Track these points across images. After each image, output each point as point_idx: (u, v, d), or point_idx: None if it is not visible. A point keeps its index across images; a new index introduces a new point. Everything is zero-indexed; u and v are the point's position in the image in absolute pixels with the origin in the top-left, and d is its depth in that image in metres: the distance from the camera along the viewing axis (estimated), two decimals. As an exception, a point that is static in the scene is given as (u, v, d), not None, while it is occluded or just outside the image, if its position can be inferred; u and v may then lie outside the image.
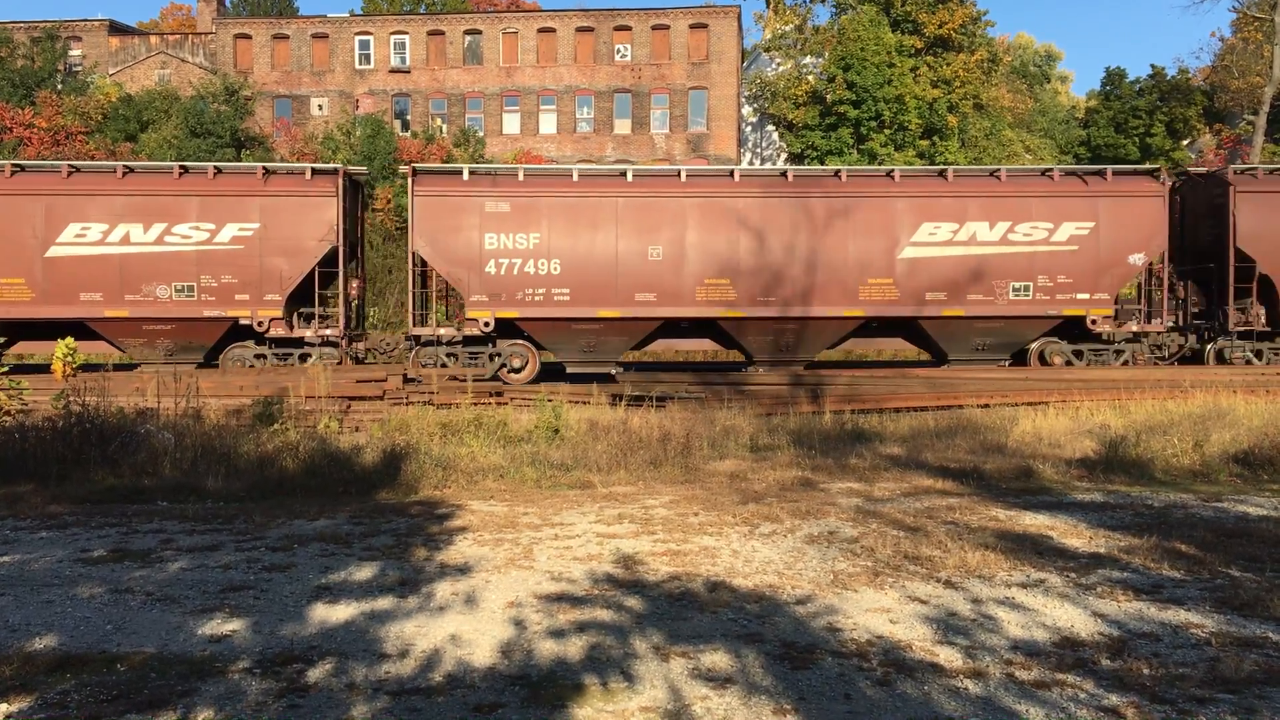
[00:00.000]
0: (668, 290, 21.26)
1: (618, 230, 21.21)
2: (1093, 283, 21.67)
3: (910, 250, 21.51)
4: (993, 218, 21.65)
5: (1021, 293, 21.61)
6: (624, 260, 21.21)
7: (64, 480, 10.70)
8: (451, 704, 4.90)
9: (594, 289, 21.15)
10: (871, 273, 21.53)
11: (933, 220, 21.57)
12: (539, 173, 22.46)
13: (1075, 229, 21.66)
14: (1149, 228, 21.89)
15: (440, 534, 8.54)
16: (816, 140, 44.69)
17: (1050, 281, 21.61)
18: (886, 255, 21.52)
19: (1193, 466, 11.95)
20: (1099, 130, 55.64)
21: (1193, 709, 4.82)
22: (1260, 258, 21.90)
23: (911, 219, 21.57)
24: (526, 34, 55.18)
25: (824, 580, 7.08)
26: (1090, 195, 21.82)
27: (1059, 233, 21.64)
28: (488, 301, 21.05)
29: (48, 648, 5.71)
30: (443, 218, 21.16)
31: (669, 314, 21.38)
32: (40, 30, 52.91)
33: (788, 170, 22.34)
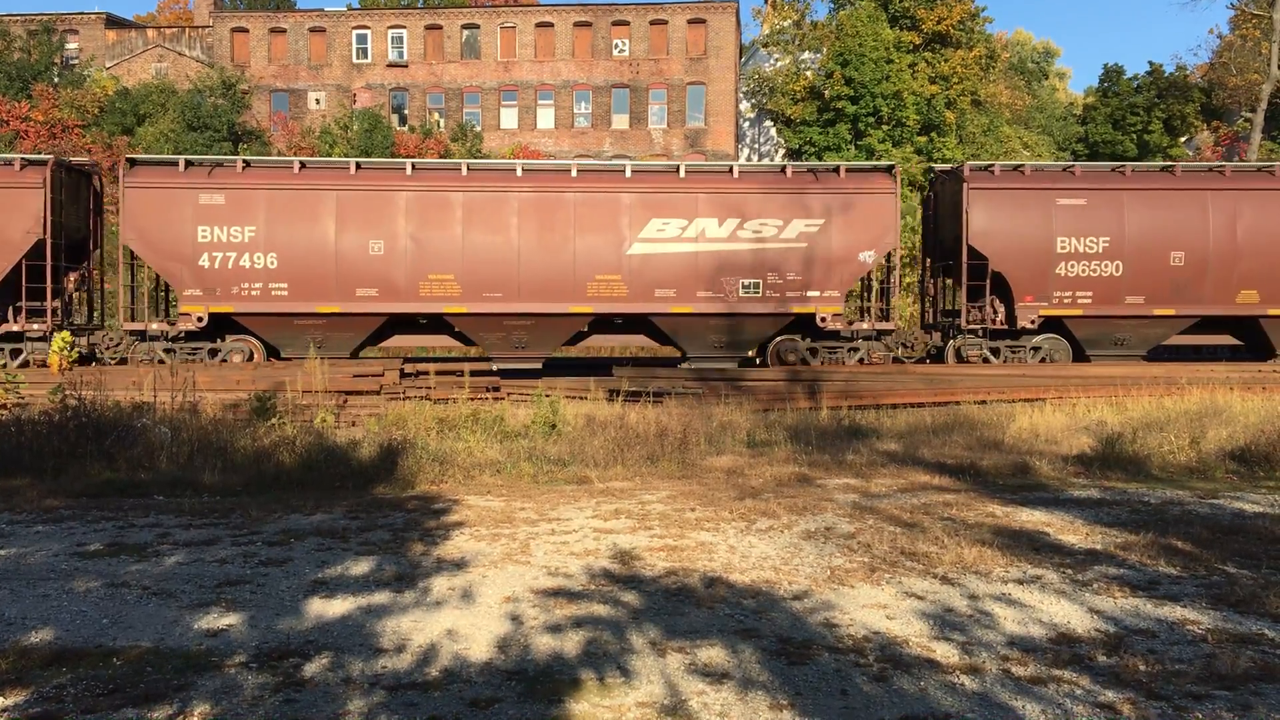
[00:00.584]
0: (391, 286, 20.74)
1: (338, 224, 20.71)
2: (823, 280, 21.23)
3: (639, 246, 21.04)
4: (722, 214, 21.23)
5: (751, 290, 21.16)
6: (344, 255, 20.70)
7: (60, 474, 10.69)
8: (448, 699, 4.90)
9: (313, 284, 20.62)
10: (600, 269, 21.11)
11: (662, 216, 21.13)
12: (260, 164, 21.76)
13: (805, 226, 21.22)
14: (880, 225, 21.41)
15: (437, 529, 8.54)
16: (814, 136, 44.67)
17: (780, 279, 21.19)
18: (615, 251, 21.09)
19: (1189, 463, 11.97)
20: (1097, 127, 55.64)
21: (1189, 705, 4.82)
22: (992, 255, 21.53)
23: (641, 215, 21.11)
24: (524, 29, 55.09)
25: (821, 576, 7.08)
26: (821, 192, 21.33)
27: (788, 230, 21.20)
28: (202, 296, 20.46)
29: (44, 641, 5.70)
30: (155, 210, 20.54)
31: (392, 310, 20.92)
32: (37, 23, 52.78)
33: (518, 165, 21.93)
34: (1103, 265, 21.50)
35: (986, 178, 22.00)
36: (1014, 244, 21.58)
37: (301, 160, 21.33)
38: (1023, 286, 21.56)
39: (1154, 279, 21.48)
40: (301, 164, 21.19)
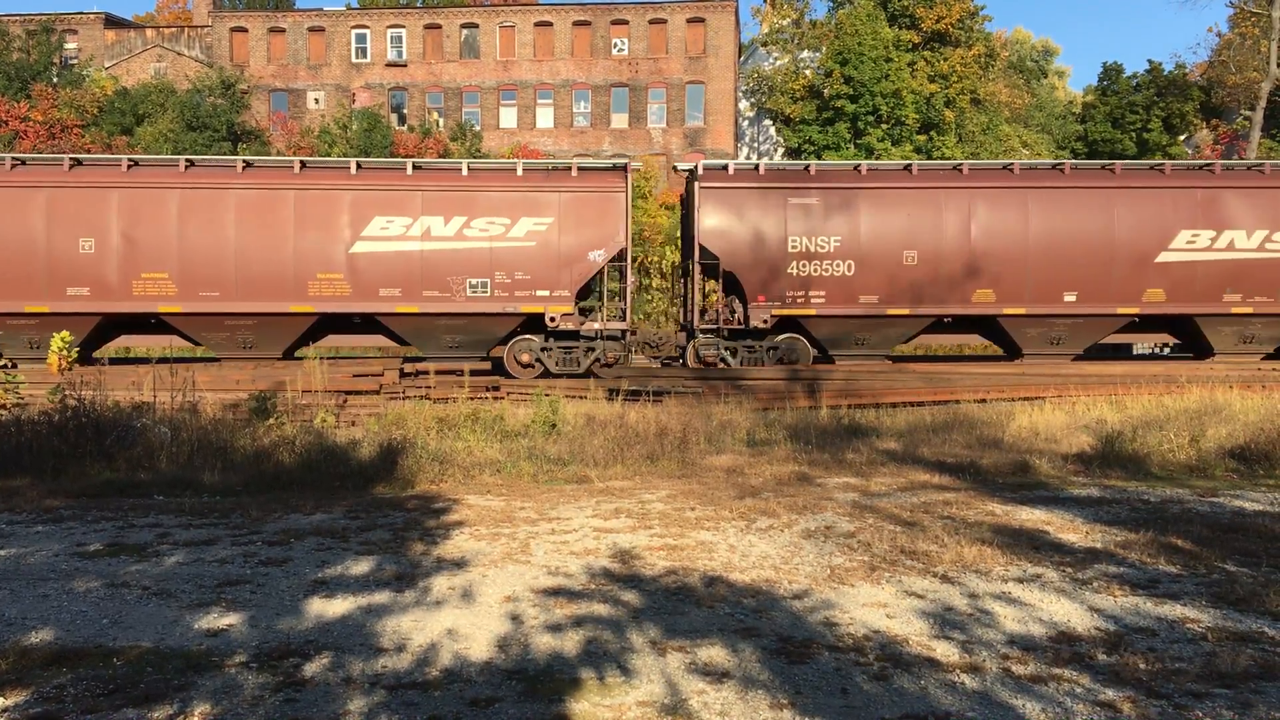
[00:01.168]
0: (103, 284, 20.11)
1: (49, 221, 20.09)
2: (553, 280, 20.86)
3: (363, 245, 20.70)
4: (449, 213, 20.88)
5: (480, 290, 20.87)
6: (55, 252, 20.05)
7: (60, 474, 10.69)
8: (448, 698, 4.90)
9: (18, 282, 20.01)
10: (322, 267, 20.63)
11: (386, 214, 20.76)
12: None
13: (534, 225, 20.90)
14: (610, 224, 21.12)
15: (437, 528, 8.54)
16: (813, 135, 44.65)
17: (508, 278, 20.83)
18: (337, 250, 20.66)
19: (1189, 461, 11.97)
20: (1096, 125, 55.61)
21: (1189, 704, 4.83)
22: (722, 255, 21.28)
23: (364, 213, 20.74)
24: (523, 28, 55.07)
25: (821, 575, 7.09)
26: (552, 191, 20.98)
27: (516, 228, 20.87)
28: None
29: (44, 641, 5.70)
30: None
31: (105, 309, 20.27)
32: (36, 23, 52.74)
33: (245, 160, 21.33)
34: (835, 265, 21.08)
35: (718, 176, 21.60)
36: (745, 244, 21.22)
37: (16, 157, 20.96)
38: (755, 286, 21.14)
39: (887, 279, 21.10)
40: (19, 161, 20.81)
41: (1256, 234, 21.32)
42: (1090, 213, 21.34)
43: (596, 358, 21.09)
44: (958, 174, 21.94)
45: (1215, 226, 21.33)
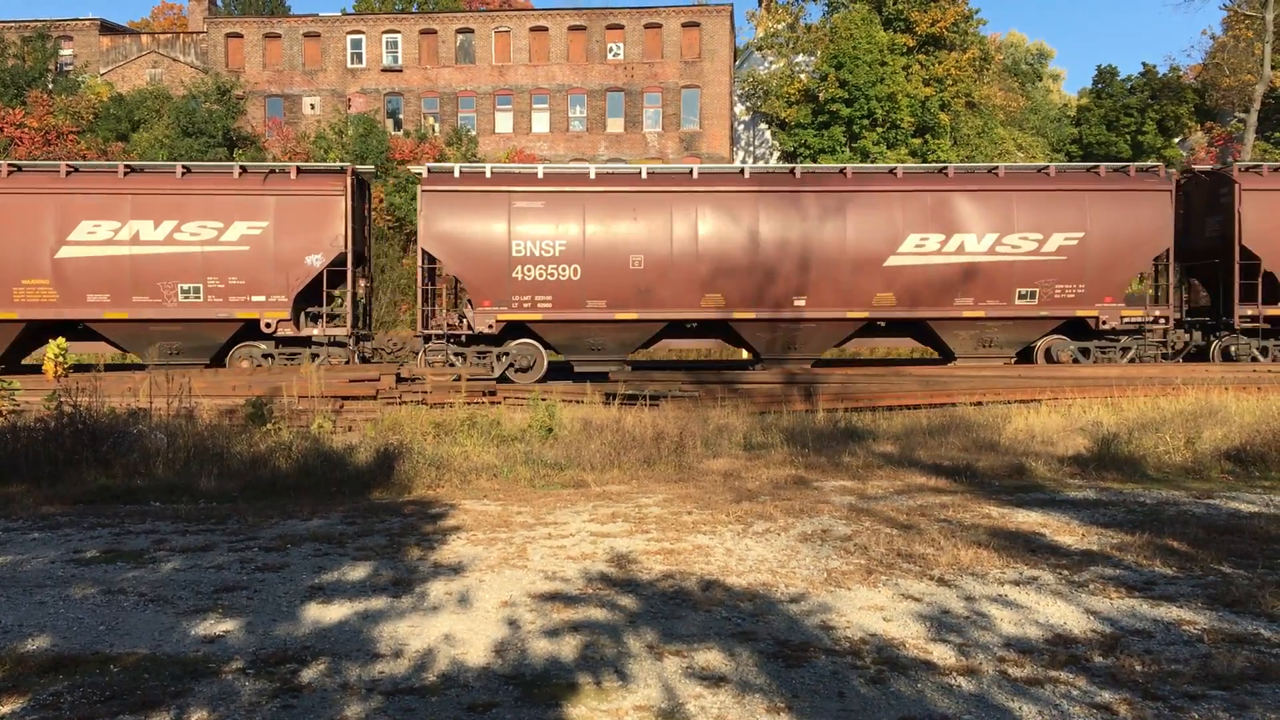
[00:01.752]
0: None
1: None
2: (269, 284, 20.73)
3: (69, 250, 20.38)
4: (159, 217, 20.53)
5: (192, 295, 20.59)
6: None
7: (56, 481, 10.67)
8: (445, 703, 4.90)
9: None
10: (27, 273, 20.43)
11: (94, 218, 20.50)
12: None
13: (248, 228, 20.66)
14: (329, 228, 21.02)
15: (434, 533, 8.53)
16: (809, 139, 44.70)
17: (222, 284, 20.61)
18: (43, 255, 20.43)
19: (1185, 463, 11.98)
20: (1091, 128, 55.74)
21: (1185, 705, 4.83)
22: (445, 259, 21.27)
23: (71, 216, 20.46)
24: (519, 33, 55.10)
25: (817, 578, 7.09)
26: (268, 194, 20.90)
27: (230, 232, 20.65)
28: None
29: (41, 649, 5.69)
30: None
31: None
32: (31, 30, 52.71)
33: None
34: (561, 269, 20.91)
35: (442, 180, 21.48)
36: (468, 248, 21.03)
37: None
38: (480, 291, 21.00)
39: (614, 283, 20.94)
40: None
41: (987, 237, 21.33)
42: (821, 217, 21.23)
43: (321, 363, 20.74)
44: (688, 178, 21.78)
45: (945, 230, 21.30)
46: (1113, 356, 22.02)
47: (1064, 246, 21.47)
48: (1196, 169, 25.30)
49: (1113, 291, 21.72)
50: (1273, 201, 22.09)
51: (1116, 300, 21.76)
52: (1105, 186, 21.89)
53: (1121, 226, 21.63)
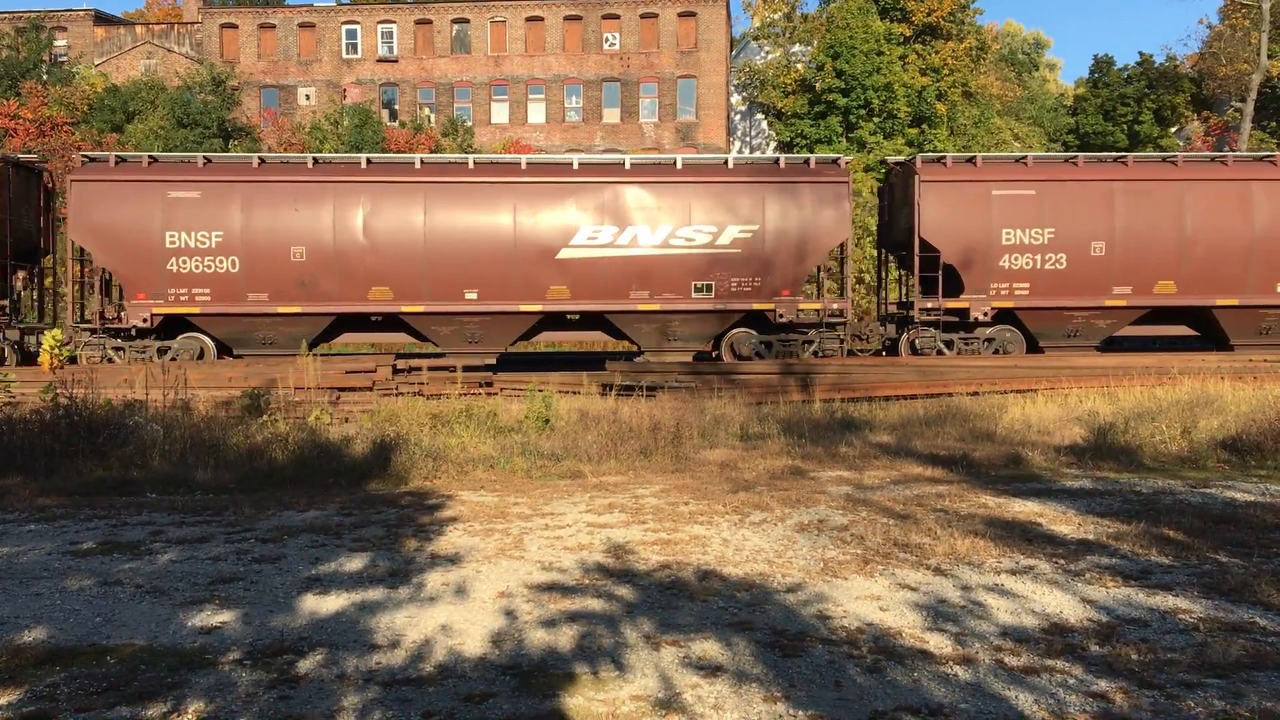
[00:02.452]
0: None
1: None
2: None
3: None
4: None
5: None
6: None
7: (52, 473, 10.66)
8: (442, 694, 4.90)
9: None
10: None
11: None
12: None
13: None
14: None
15: (431, 524, 8.53)
16: (805, 128, 44.69)
17: None
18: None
19: (1181, 453, 12.00)
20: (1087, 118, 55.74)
21: (1181, 693, 4.84)
22: (97, 252, 20.72)
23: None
24: (514, 23, 54.99)
25: (814, 568, 7.10)
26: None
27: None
28: None
29: (37, 640, 5.69)
30: None
31: None
32: (25, 20, 52.53)
33: None
34: (219, 261, 20.39)
35: (99, 170, 20.77)
36: (121, 240, 20.43)
37: None
38: (133, 284, 20.40)
39: (277, 275, 20.50)
40: None
41: (660, 230, 21.06)
42: (492, 209, 20.94)
43: None
44: (355, 168, 21.42)
45: (619, 223, 21.03)
46: (796, 350, 21.49)
47: (738, 239, 21.08)
48: (890, 159, 24.93)
49: (790, 285, 21.21)
50: (950, 193, 21.69)
51: (794, 294, 21.26)
52: (781, 179, 21.44)
53: (796, 219, 21.18)
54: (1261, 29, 43.59)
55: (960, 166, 22.18)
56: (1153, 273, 21.41)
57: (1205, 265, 21.35)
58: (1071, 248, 21.38)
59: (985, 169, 22.09)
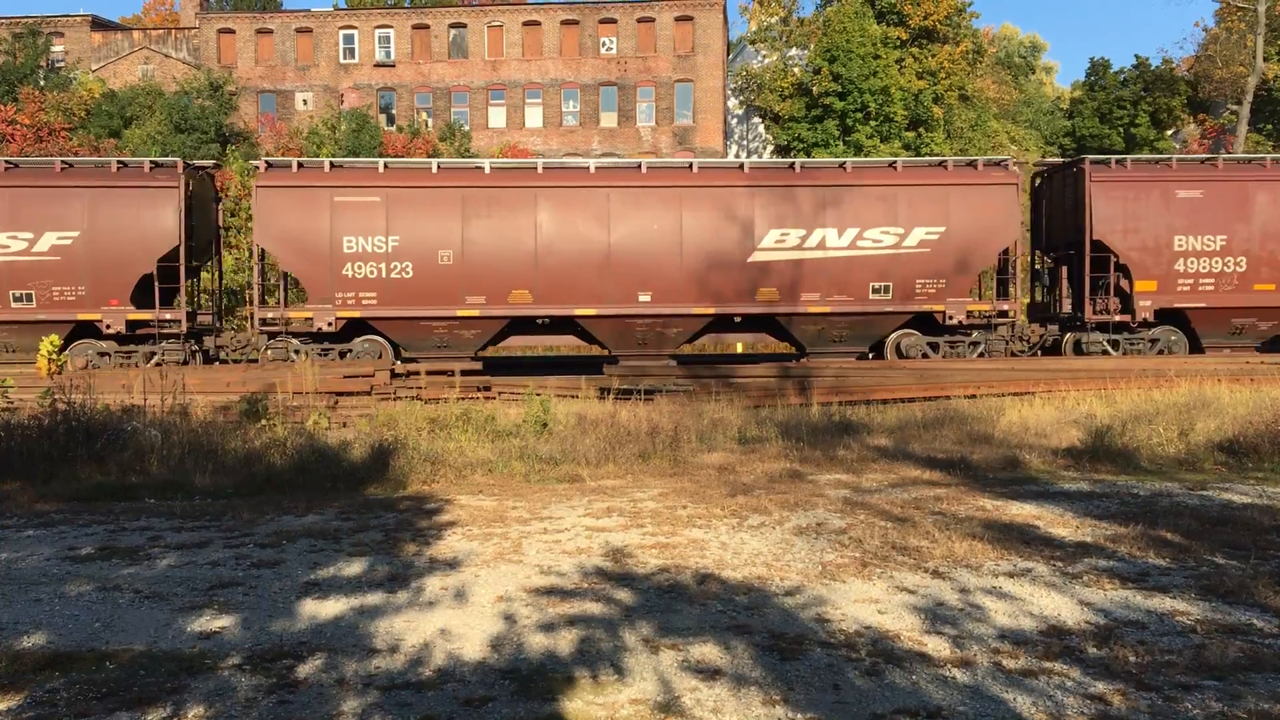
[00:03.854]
0: None
1: None
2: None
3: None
4: None
5: None
6: None
7: (50, 478, 10.66)
8: (442, 698, 4.91)
9: None
10: None
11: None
12: None
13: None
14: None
15: (429, 529, 8.54)
16: (803, 132, 44.69)
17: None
18: None
19: (1178, 455, 12.02)
20: (1084, 121, 55.79)
21: (1179, 695, 4.85)
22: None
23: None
24: (512, 27, 55.01)
25: (812, 571, 7.11)
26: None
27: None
28: None
29: (36, 646, 5.69)
30: None
31: None
32: (22, 26, 52.50)
33: None
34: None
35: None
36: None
37: None
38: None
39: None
40: None
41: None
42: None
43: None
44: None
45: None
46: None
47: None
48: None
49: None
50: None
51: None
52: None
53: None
54: (1257, 32, 43.68)
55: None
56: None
57: None
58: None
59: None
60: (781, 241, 20.97)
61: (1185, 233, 21.56)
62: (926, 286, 21.14)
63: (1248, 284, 21.50)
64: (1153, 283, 21.55)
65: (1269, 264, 21.58)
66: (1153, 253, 21.60)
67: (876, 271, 21.11)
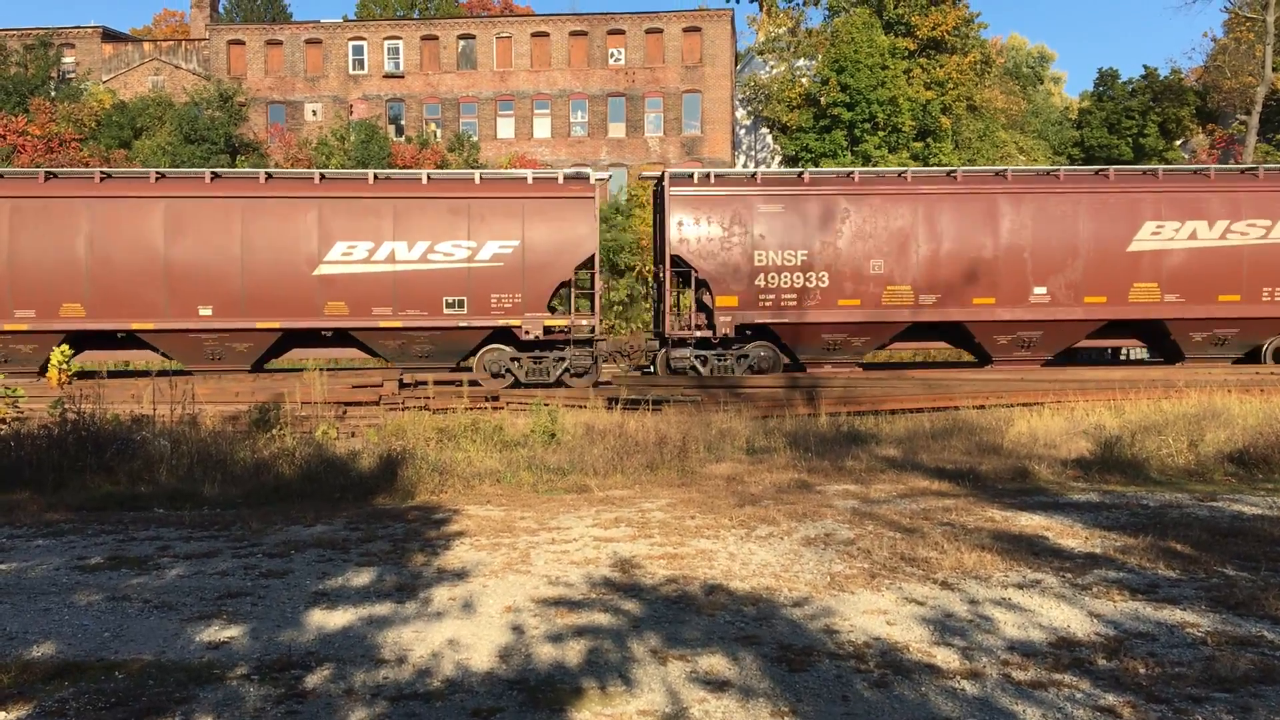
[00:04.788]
0: None
1: None
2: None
3: None
4: None
5: None
6: None
7: (60, 488, 10.69)
8: (450, 709, 4.91)
9: None
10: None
11: None
12: None
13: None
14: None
15: (437, 539, 8.54)
16: (810, 142, 44.73)
17: None
18: None
19: (1188, 466, 11.98)
20: (1092, 131, 55.73)
21: (1189, 708, 4.83)
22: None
23: None
24: (520, 38, 55.20)
25: (821, 582, 7.09)
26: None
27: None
28: None
29: (46, 655, 5.70)
30: None
31: None
32: (33, 37, 52.82)
33: None
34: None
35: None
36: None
37: None
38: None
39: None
40: None
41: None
42: None
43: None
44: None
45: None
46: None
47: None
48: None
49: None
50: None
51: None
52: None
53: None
54: (1266, 42, 43.61)
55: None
56: None
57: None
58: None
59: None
60: (349, 254, 20.37)
61: (766, 248, 21.04)
62: (502, 301, 20.62)
63: (831, 300, 21.00)
64: (734, 298, 21.00)
65: (852, 279, 21.03)
66: (732, 269, 21.10)
67: (450, 286, 20.55)
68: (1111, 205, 21.20)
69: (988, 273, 21.01)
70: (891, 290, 21.01)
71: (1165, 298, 21.03)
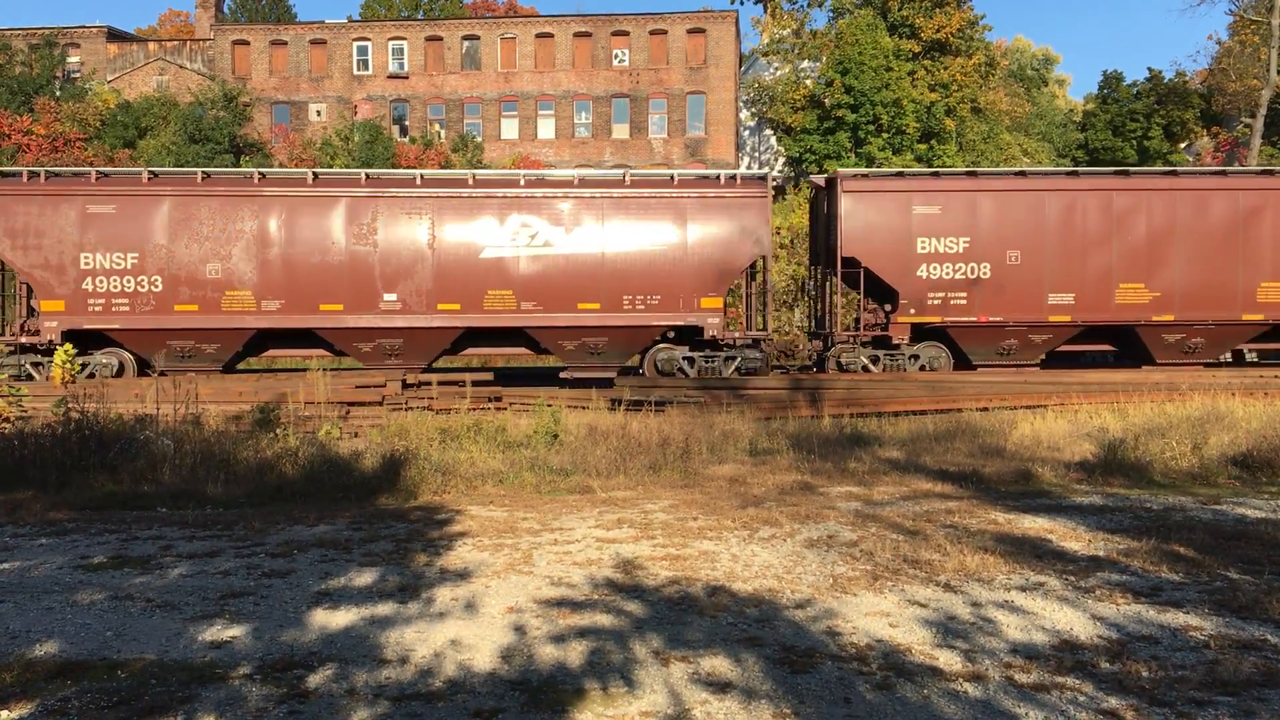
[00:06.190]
0: None
1: None
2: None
3: None
4: None
5: None
6: None
7: (64, 487, 10.70)
8: (452, 709, 4.91)
9: None
10: None
11: None
12: None
13: None
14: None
15: (440, 539, 8.55)
16: (814, 144, 44.73)
17: None
18: None
19: (1191, 469, 11.96)
20: (1097, 133, 55.75)
21: (1192, 711, 4.83)
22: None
23: None
24: (524, 39, 55.25)
25: (823, 584, 7.09)
26: None
27: None
28: None
29: (48, 654, 5.71)
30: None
31: None
32: (38, 37, 52.92)
33: None
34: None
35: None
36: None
37: None
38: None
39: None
40: None
41: None
42: None
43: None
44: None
45: None
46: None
47: None
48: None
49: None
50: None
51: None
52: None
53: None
54: (1271, 45, 43.54)
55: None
56: None
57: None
58: None
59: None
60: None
61: None
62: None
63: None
64: (60, 303, 19.71)
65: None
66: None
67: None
68: None
69: None
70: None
71: None
